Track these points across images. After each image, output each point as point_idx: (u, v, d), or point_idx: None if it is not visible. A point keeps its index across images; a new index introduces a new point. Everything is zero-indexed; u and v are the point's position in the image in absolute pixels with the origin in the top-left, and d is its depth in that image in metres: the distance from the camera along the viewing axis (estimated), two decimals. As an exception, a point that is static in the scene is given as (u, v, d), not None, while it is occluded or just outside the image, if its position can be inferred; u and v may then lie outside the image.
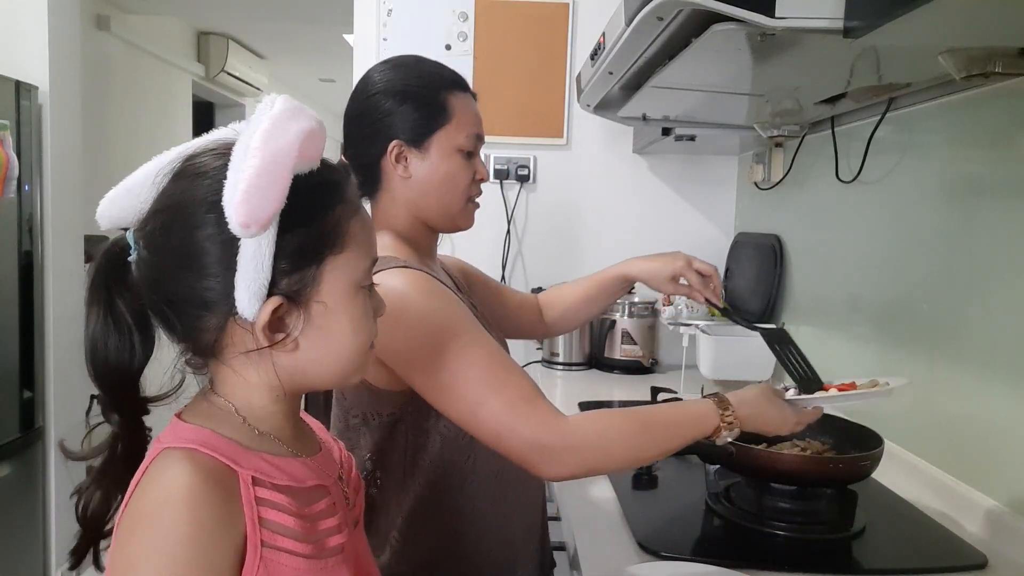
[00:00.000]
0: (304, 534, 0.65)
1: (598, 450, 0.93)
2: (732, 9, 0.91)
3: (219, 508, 0.61)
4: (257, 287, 0.63)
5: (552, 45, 2.34)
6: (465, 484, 1.06)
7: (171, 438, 0.65)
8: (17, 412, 2.53)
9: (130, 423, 0.69)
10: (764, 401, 1.01)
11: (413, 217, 1.11)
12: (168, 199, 0.66)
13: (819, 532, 1.13)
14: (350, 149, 1.13)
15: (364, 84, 1.12)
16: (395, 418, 1.04)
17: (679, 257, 1.31)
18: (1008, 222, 1.15)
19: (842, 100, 1.43)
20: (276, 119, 0.63)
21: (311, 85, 6.22)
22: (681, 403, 1.03)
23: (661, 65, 1.31)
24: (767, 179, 2.09)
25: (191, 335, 0.67)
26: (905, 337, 1.42)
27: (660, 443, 0.96)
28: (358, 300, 0.70)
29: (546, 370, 2.29)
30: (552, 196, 2.43)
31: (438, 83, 1.10)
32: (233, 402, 0.69)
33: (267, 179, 0.60)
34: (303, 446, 0.73)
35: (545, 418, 0.92)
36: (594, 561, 1.04)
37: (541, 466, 0.92)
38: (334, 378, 0.72)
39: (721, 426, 0.96)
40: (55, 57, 2.65)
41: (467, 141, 1.10)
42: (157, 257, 0.66)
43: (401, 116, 1.07)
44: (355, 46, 2.39)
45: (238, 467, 0.64)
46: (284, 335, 0.67)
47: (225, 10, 4.08)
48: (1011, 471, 1.13)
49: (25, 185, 2.50)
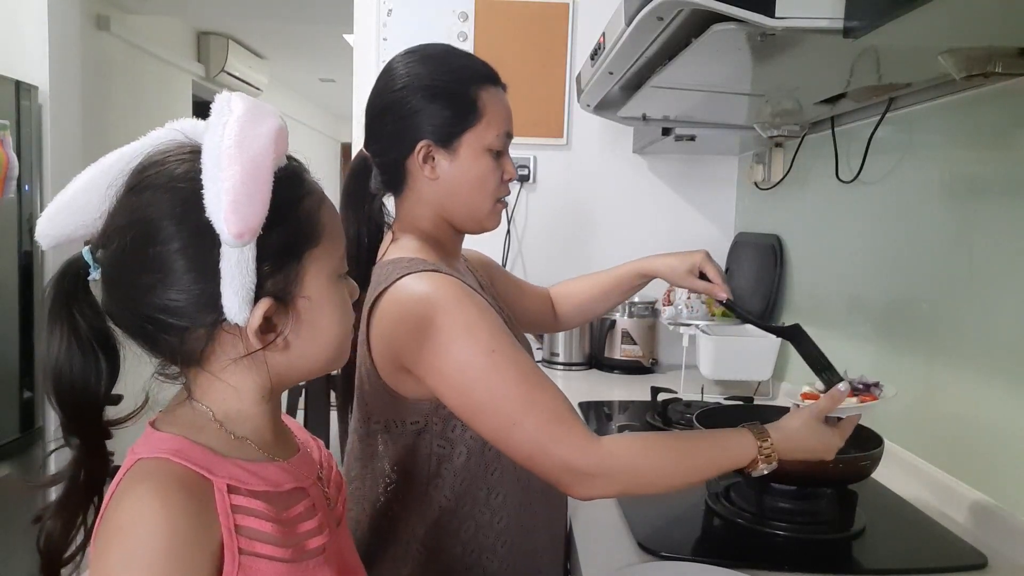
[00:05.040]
0: (282, 538, 0.65)
1: (630, 475, 0.91)
2: (732, 9, 0.90)
3: (194, 518, 0.60)
4: (245, 292, 0.62)
5: (552, 45, 2.34)
6: (491, 496, 1.03)
7: (145, 448, 0.64)
8: (17, 412, 2.53)
9: (91, 448, 0.67)
10: (805, 432, 0.96)
11: (439, 217, 1.08)
12: (132, 215, 0.63)
13: (819, 532, 1.12)
14: (374, 145, 1.09)
15: (389, 77, 1.06)
16: (419, 427, 1.01)
17: (697, 252, 1.30)
18: (1008, 222, 1.15)
19: (842, 100, 1.43)
20: (243, 122, 0.61)
21: (311, 85, 6.23)
22: (719, 432, 0.99)
23: (661, 65, 1.30)
24: (767, 179, 2.09)
25: (175, 348, 0.65)
26: (905, 337, 1.42)
27: (693, 473, 0.94)
28: (339, 288, 0.71)
29: (546, 370, 2.26)
30: (552, 196, 2.43)
31: (469, 78, 1.05)
32: (212, 408, 0.68)
33: (252, 186, 0.59)
34: (281, 448, 0.73)
35: (580, 441, 0.90)
36: (594, 561, 1.04)
37: (573, 488, 0.91)
38: (321, 369, 0.72)
39: (759, 458, 0.93)
40: (55, 57, 2.65)
41: (497, 140, 1.06)
42: (130, 275, 0.64)
43: (429, 115, 1.03)
44: (355, 46, 2.39)
45: (212, 475, 0.63)
46: (274, 335, 0.66)
47: (225, 10, 4.08)
48: (1011, 471, 1.13)
49: (25, 185, 2.50)
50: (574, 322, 1.51)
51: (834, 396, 0.99)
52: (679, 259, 1.31)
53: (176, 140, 0.67)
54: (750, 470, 0.95)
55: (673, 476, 0.93)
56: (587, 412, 1.78)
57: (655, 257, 1.36)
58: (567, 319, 1.48)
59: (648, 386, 1.80)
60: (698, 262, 1.29)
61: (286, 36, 4.73)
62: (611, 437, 0.93)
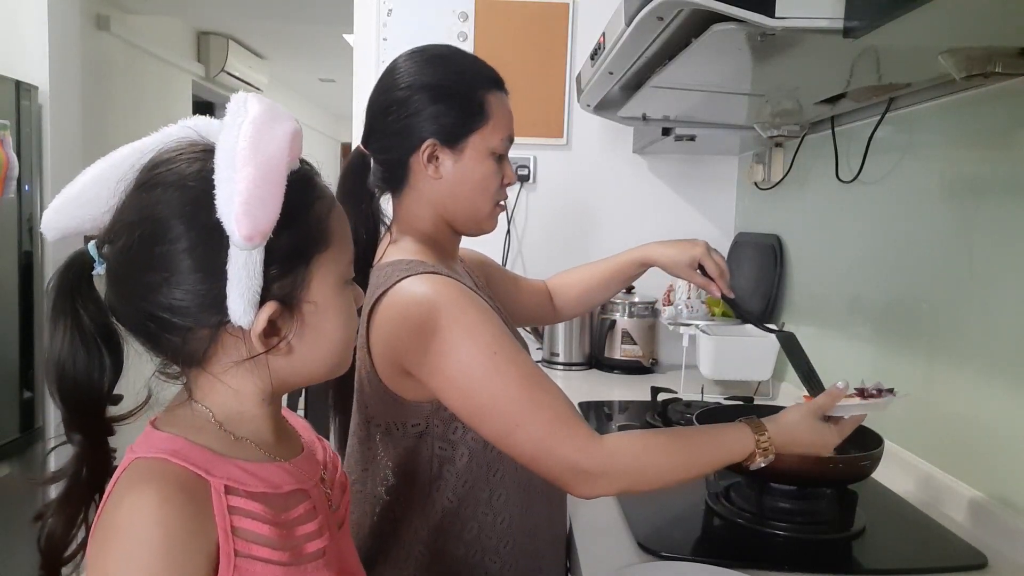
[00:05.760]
0: (280, 541, 0.64)
1: (633, 473, 0.93)
2: (732, 9, 0.90)
3: (190, 519, 0.60)
4: (251, 295, 0.62)
5: (552, 45, 2.34)
6: (493, 497, 1.03)
7: (143, 447, 0.64)
8: (17, 412, 2.53)
9: (94, 444, 0.66)
10: (803, 427, 0.99)
11: (439, 218, 1.08)
12: (141, 211, 0.63)
13: (819, 532, 1.12)
14: (375, 142, 1.08)
15: (395, 74, 1.06)
16: (420, 430, 1.01)
17: (698, 244, 1.30)
18: (1008, 222, 1.15)
19: (842, 100, 1.43)
20: (259, 123, 0.61)
21: (311, 85, 6.23)
22: (717, 427, 1.01)
23: (661, 65, 1.30)
24: (767, 179, 2.09)
25: (177, 348, 0.65)
26: (905, 337, 1.42)
27: (693, 468, 0.96)
28: (345, 295, 0.70)
29: (546, 370, 2.26)
30: (552, 196, 2.43)
31: (477, 81, 1.06)
32: (213, 409, 0.67)
33: (265, 189, 0.59)
34: (284, 448, 0.72)
35: (582, 442, 0.91)
36: (594, 561, 1.04)
37: (576, 487, 0.92)
38: (324, 374, 0.72)
39: (756, 452, 0.95)
40: (55, 57, 2.65)
41: (501, 144, 1.06)
42: (135, 272, 0.63)
43: (437, 114, 1.03)
44: (355, 46, 2.39)
45: (210, 476, 0.62)
46: (278, 339, 0.66)
47: (225, 10, 4.08)
48: (1011, 471, 1.13)
49: (25, 185, 2.50)
50: (574, 312, 1.51)
51: (833, 393, 1.01)
52: (679, 250, 1.30)
53: (189, 138, 0.67)
54: (748, 463, 0.96)
55: (674, 473, 0.94)
56: (587, 412, 1.78)
57: (655, 245, 1.35)
58: (566, 309, 1.47)
59: (648, 386, 1.80)
60: (698, 255, 1.28)
61: (286, 36, 4.73)
62: (612, 436, 0.93)
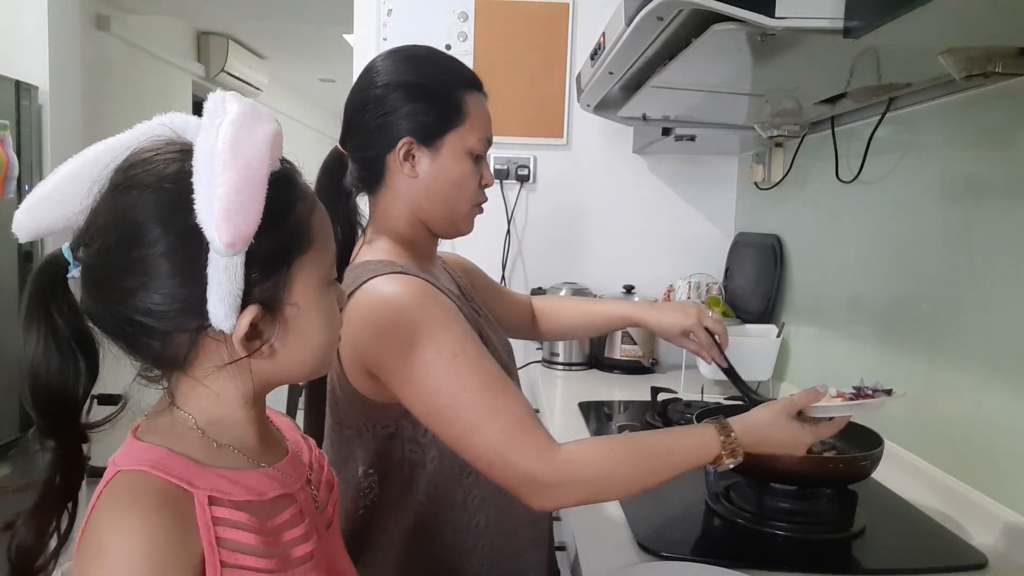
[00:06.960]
0: (266, 549, 0.63)
1: (592, 484, 0.90)
2: (732, 9, 0.90)
3: (174, 534, 0.58)
4: (232, 299, 0.60)
5: (552, 45, 2.34)
6: (468, 499, 1.03)
7: (124, 459, 0.62)
8: (17, 412, 2.53)
9: (68, 452, 0.64)
10: (774, 426, 0.96)
11: (415, 218, 1.07)
12: (117, 214, 0.61)
13: (819, 532, 1.12)
14: (352, 140, 1.07)
15: (371, 73, 1.05)
16: (390, 431, 1.01)
17: (690, 313, 1.31)
18: (1008, 222, 1.15)
19: (842, 100, 1.43)
20: (238, 125, 0.59)
21: (311, 85, 6.22)
22: (681, 430, 0.98)
23: (661, 65, 1.30)
24: (767, 179, 2.09)
25: (157, 353, 0.63)
26: (905, 337, 1.42)
27: (657, 474, 0.92)
28: (327, 295, 0.69)
29: (546, 370, 2.29)
30: (552, 196, 2.43)
31: (456, 81, 1.05)
32: (195, 415, 0.66)
33: (246, 194, 0.57)
34: (268, 452, 0.71)
35: (539, 450, 0.88)
36: (594, 561, 1.04)
37: (532, 498, 0.89)
38: (306, 375, 0.71)
39: (722, 453, 0.92)
40: (55, 57, 2.65)
41: (478, 144, 1.06)
42: (111, 276, 0.61)
43: (413, 112, 1.02)
44: (355, 46, 2.39)
45: (193, 488, 0.61)
46: (260, 343, 0.64)
47: (225, 10, 4.08)
48: (1011, 471, 1.13)
49: (25, 185, 2.50)
50: (553, 338, 1.55)
51: (809, 393, 0.99)
52: (672, 320, 1.32)
53: (165, 136, 0.65)
54: (716, 465, 0.94)
55: (638, 480, 0.92)
56: (587, 412, 1.78)
57: (649, 308, 1.39)
58: (547, 335, 1.50)
59: (648, 386, 1.80)
60: (690, 327, 1.30)
61: (286, 36, 4.73)
62: (572, 443, 0.91)
